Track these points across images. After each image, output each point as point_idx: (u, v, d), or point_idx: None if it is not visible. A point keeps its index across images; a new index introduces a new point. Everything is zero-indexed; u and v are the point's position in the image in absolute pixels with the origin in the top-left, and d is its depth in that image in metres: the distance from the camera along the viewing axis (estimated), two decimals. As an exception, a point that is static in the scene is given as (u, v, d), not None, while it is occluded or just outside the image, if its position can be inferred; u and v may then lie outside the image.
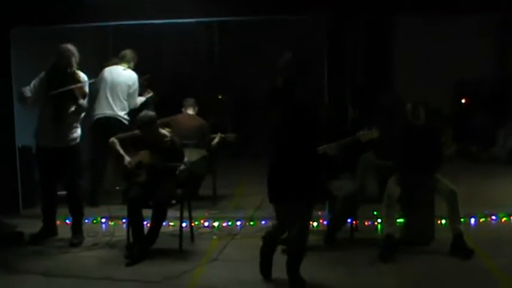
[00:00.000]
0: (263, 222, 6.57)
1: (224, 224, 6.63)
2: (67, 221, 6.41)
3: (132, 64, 7.59)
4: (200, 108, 7.85)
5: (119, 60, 7.60)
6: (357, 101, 8.11)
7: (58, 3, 6.88)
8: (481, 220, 6.61)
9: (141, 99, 7.71)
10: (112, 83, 7.44)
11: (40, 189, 6.24)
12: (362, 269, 5.26)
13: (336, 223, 5.97)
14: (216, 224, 6.64)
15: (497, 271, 5.12)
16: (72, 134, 6.00)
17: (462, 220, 5.67)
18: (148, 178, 5.75)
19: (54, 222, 6.25)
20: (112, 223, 6.70)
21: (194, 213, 6.26)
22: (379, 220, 6.41)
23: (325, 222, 6.37)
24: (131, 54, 7.61)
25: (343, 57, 6.98)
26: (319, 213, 6.42)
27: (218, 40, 12.96)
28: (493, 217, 6.66)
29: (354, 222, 6.14)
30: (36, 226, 6.19)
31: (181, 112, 7.70)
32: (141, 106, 7.53)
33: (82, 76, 5.99)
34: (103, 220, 6.81)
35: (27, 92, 5.85)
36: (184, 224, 5.91)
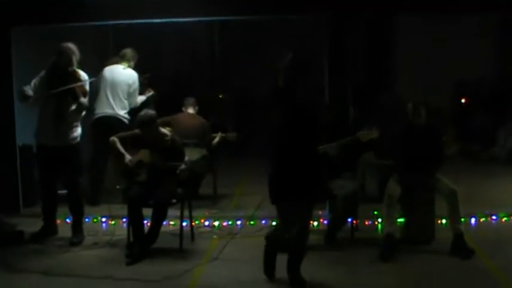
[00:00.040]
0: (263, 221, 6.58)
1: (224, 224, 6.63)
2: (67, 220, 6.41)
3: (133, 63, 7.59)
4: (201, 107, 7.84)
5: (120, 59, 7.59)
6: (358, 101, 8.11)
7: (58, 2, 6.88)
8: (482, 220, 6.60)
9: (142, 98, 7.71)
10: (112, 82, 7.43)
11: (40, 188, 6.24)
12: (362, 269, 5.26)
13: (337, 222, 5.97)
14: (217, 224, 6.64)
15: (497, 271, 5.11)
16: (72, 133, 6.00)
17: (462, 220, 5.66)
18: (148, 177, 5.74)
19: (54, 221, 6.25)
20: (112, 222, 6.70)
21: (194, 212, 6.26)
22: (379, 220, 6.41)
23: (325, 221, 6.39)
24: (131, 53, 7.60)
25: (343, 57, 6.98)
26: (319, 212, 6.44)
27: (219, 39, 12.97)
28: (494, 217, 6.65)
29: (354, 221, 6.14)
30: (36, 225, 6.19)
31: (181, 111, 7.69)
32: (142, 105, 7.53)
33: (82, 75, 6.00)
34: (103, 219, 6.80)
35: (28, 91, 5.85)
36: (184, 223, 5.91)
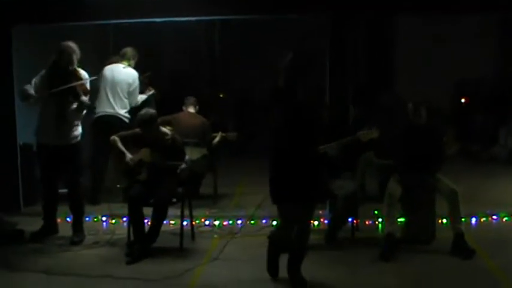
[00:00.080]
0: (264, 221, 6.58)
1: (225, 223, 6.63)
2: (68, 219, 6.41)
3: (133, 62, 7.58)
4: (201, 106, 7.84)
5: (120, 58, 7.58)
6: (358, 101, 8.11)
7: (59, 1, 6.87)
8: (482, 220, 6.60)
9: (143, 96, 7.70)
10: (112, 82, 7.43)
11: (41, 187, 6.24)
12: (363, 268, 5.25)
13: (337, 222, 5.97)
14: (217, 223, 6.63)
15: (498, 271, 5.11)
16: (73, 132, 5.99)
17: (463, 220, 5.65)
18: (149, 176, 5.74)
19: (55, 220, 6.25)
20: (113, 221, 6.70)
21: (195, 211, 6.26)
22: (380, 219, 6.41)
23: (326, 221, 6.39)
24: (132, 52, 7.59)
25: (344, 57, 6.97)
26: (320, 212, 6.43)
27: (219, 38, 12.98)
28: (494, 217, 6.65)
29: (355, 221, 6.13)
30: (37, 224, 6.19)
31: (182, 110, 7.69)
32: (143, 104, 7.52)
33: (83, 74, 5.99)
34: (104, 218, 6.80)
35: (30, 90, 5.84)
36: (185, 223, 5.91)
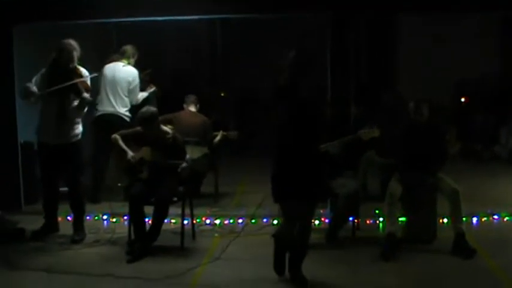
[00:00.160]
0: (265, 220, 6.57)
1: (226, 222, 6.63)
2: (69, 218, 6.41)
3: (133, 60, 7.56)
4: (202, 105, 7.83)
5: (120, 56, 7.57)
6: (360, 100, 8.10)
7: (60, 0, 6.87)
8: (483, 219, 6.59)
9: (144, 94, 7.69)
10: (112, 80, 7.41)
11: (42, 185, 6.24)
12: (363, 268, 5.25)
13: (338, 221, 5.96)
14: (218, 222, 6.63)
15: (498, 271, 5.11)
16: (73, 131, 5.99)
17: (464, 219, 5.65)
18: (150, 175, 5.74)
19: (55, 218, 6.25)
20: (113, 220, 6.70)
21: (196, 210, 6.26)
22: (380, 218, 6.40)
23: (326, 220, 6.38)
24: (132, 50, 7.58)
25: (345, 55, 6.97)
26: (321, 211, 6.43)
27: (221, 37, 12.96)
28: (495, 216, 6.64)
29: (356, 220, 6.13)
30: (38, 222, 6.19)
31: (183, 109, 7.68)
32: (144, 102, 7.51)
33: (83, 71, 5.99)
34: (104, 217, 6.80)
35: (32, 87, 5.82)
36: (185, 222, 5.91)
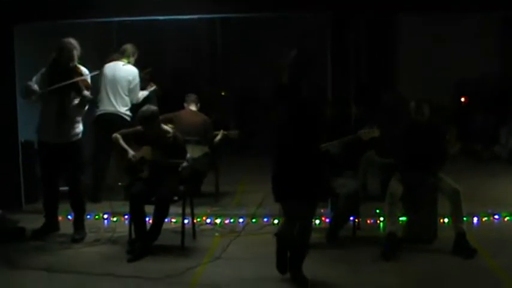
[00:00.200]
0: (265, 219, 6.57)
1: (226, 221, 6.63)
2: (69, 217, 6.41)
3: (133, 59, 7.55)
4: (203, 104, 7.83)
5: (120, 55, 7.55)
6: (360, 99, 8.09)
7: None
8: (484, 219, 6.59)
9: (144, 93, 7.67)
10: (112, 79, 7.40)
11: (42, 184, 6.24)
12: (364, 267, 5.25)
13: (338, 221, 5.96)
14: (218, 221, 6.63)
15: (499, 270, 5.11)
16: (74, 130, 5.99)
17: (465, 219, 5.64)
18: (150, 174, 5.74)
19: (56, 217, 6.25)
20: (114, 219, 6.70)
21: (196, 210, 6.25)
22: (381, 218, 6.41)
23: (327, 219, 6.38)
24: (132, 48, 7.56)
25: (346, 55, 6.96)
26: (321, 210, 6.43)
27: (221, 36, 12.95)
28: (496, 216, 6.64)
29: (356, 220, 6.13)
30: (38, 221, 6.19)
31: (183, 108, 7.67)
32: (144, 100, 7.50)
33: (83, 70, 5.98)
34: (105, 216, 6.80)
35: (34, 86, 5.82)
36: (186, 221, 5.90)
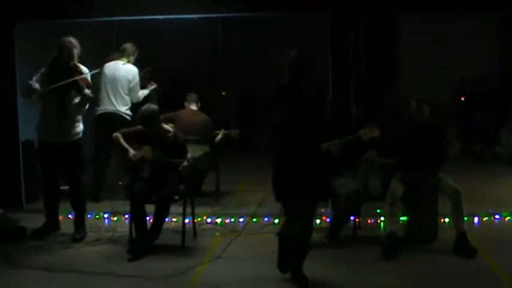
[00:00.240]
0: (266, 219, 6.57)
1: (227, 221, 6.63)
2: (70, 216, 6.40)
3: (133, 58, 7.53)
4: (203, 104, 7.82)
5: (119, 54, 7.55)
6: (360, 99, 8.09)
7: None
8: (485, 219, 6.59)
9: (144, 92, 7.67)
10: (112, 79, 7.40)
11: (42, 184, 6.24)
12: (365, 267, 5.25)
13: (339, 221, 5.96)
14: (219, 221, 6.63)
15: (500, 270, 5.10)
16: (74, 129, 5.99)
17: (465, 219, 5.64)
18: (151, 174, 5.74)
19: (56, 217, 6.25)
20: (115, 218, 6.70)
21: (197, 209, 6.25)
22: (382, 218, 6.41)
23: (328, 219, 6.37)
24: (132, 48, 7.55)
25: (346, 55, 6.96)
26: (322, 210, 6.43)
27: (221, 36, 12.94)
28: (497, 216, 6.64)
29: (357, 220, 6.13)
30: (39, 221, 6.19)
31: (184, 107, 7.67)
32: (144, 99, 7.50)
33: (83, 69, 5.98)
34: (106, 215, 6.80)
35: (35, 84, 5.82)
36: (187, 220, 5.90)
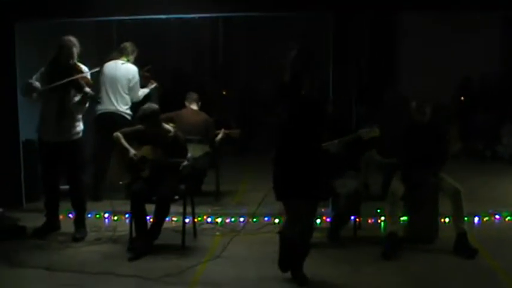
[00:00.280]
0: (266, 218, 6.57)
1: (227, 220, 6.62)
2: (70, 216, 6.41)
3: (132, 57, 7.52)
4: (204, 103, 7.82)
5: (119, 53, 7.55)
6: (361, 99, 8.09)
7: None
8: (485, 219, 6.59)
9: (145, 91, 7.66)
10: (112, 78, 7.39)
11: (42, 183, 6.24)
12: (365, 267, 5.25)
13: (339, 220, 5.96)
14: (219, 220, 6.63)
15: (500, 270, 5.10)
16: (74, 128, 5.99)
17: (466, 219, 5.64)
18: (151, 173, 5.74)
19: (57, 216, 6.25)
20: (115, 218, 6.70)
21: (197, 209, 6.25)
22: (382, 218, 6.41)
23: (328, 219, 6.37)
24: (131, 47, 7.54)
25: (348, 54, 6.95)
26: (322, 210, 6.42)
27: (223, 35, 12.94)
28: (497, 216, 6.63)
29: (357, 219, 6.12)
30: (39, 220, 6.20)
31: (185, 107, 7.67)
32: (145, 98, 7.50)
33: (83, 68, 5.98)
34: (106, 215, 6.80)
35: (35, 83, 5.82)
36: (187, 220, 5.90)
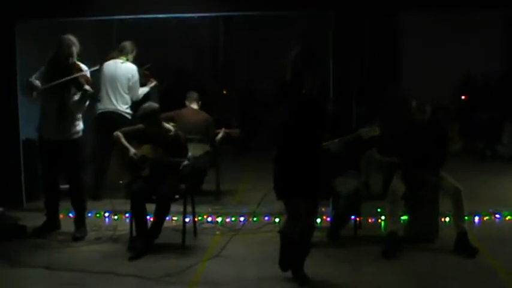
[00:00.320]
0: (266, 218, 6.57)
1: (227, 220, 6.62)
2: (70, 215, 6.40)
3: (132, 56, 7.53)
4: (204, 103, 7.82)
5: (118, 52, 7.54)
6: (362, 98, 8.09)
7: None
8: (485, 218, 6.59)
9: (145, 89, 7.66)
10: (112, 78, 7.39)
11: (43, 182, 6.24)
12: (365, 266, 5.24)
13: (340, 220, 5.96)
14: (219, 220, 6.63)
15: (500, 269, 5.10)
16: (75, 127, 5.99)
17: (466, 218, 5.64)
18: (151, 172, 5.74)
19: (57, 215, 6.25)
20: (115, 217, 6.71)
21: (197, 208, 6.25)
22: (382, 217, 6.41)
23: (328, 219, 6.37)
24: (131, 46, 7.54)
25: (348, 53, 6.95)
26: (322, 209, 6.41)
27: (223, 34, 12.95)
28: (497, 215, 6.63)
29: (358, 219, 6.12)
30: (39, 219, 6.20)
31: (185, 106, 7.67)
32: (145, 97, 7.50)
33: (83, 67, 5.98)
34: (106, 214, 6.81)
35: (35, 81, 5.82)
36: (187, 219, 5.90)
